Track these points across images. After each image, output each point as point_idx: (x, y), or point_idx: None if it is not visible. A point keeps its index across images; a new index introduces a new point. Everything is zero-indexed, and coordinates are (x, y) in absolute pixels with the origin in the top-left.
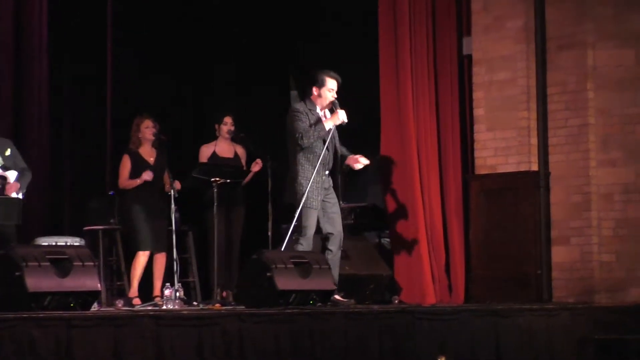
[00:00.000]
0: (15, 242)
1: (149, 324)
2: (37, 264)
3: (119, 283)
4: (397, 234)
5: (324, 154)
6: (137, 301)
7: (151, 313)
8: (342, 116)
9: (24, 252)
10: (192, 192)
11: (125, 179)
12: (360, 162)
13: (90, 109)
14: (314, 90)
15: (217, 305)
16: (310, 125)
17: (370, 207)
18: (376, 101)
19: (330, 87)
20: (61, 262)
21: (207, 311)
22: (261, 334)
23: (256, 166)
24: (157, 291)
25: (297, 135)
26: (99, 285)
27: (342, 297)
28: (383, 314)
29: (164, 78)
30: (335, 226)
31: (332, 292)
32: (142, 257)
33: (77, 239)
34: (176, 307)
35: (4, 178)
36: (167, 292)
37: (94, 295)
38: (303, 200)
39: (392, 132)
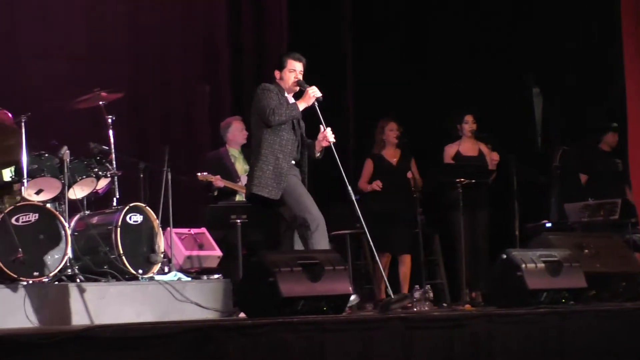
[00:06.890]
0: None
1: (398, 327)
2: (289, 269)
3: (367, 287)
4: None
5: (292, 139)
6: None
7: (401, 315)
8: (313, 92)
9: (275, 258)
10: (437, 194)
11: (363, 182)
12: (329, 138)
13: (334, 114)
14: (276, 74)
15: (467, 306)
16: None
17: (621, 202)
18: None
19: (291, 68)
20: (312, 267)
21: (457, 312)
22: (511, 334)
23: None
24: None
25: (267, 112)
26: (350, 288)
27: None
28: (636, 312)
29: (409, 76)
30: None
31: (584, 290)
32: (381, 259)
33: None
34: (426, 308)
35: None
36: (416, 294)
37: (345, 299)
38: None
39: None
